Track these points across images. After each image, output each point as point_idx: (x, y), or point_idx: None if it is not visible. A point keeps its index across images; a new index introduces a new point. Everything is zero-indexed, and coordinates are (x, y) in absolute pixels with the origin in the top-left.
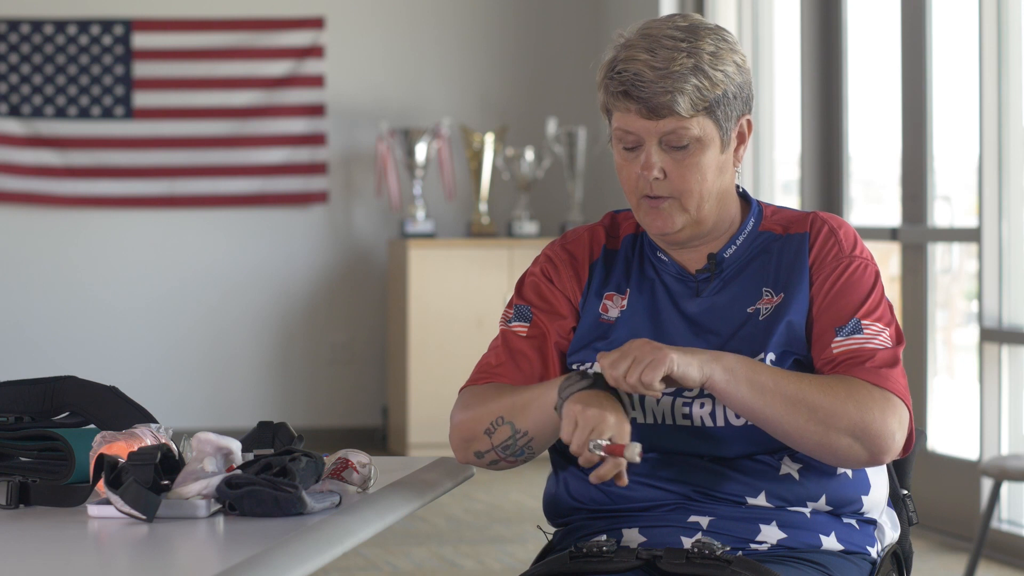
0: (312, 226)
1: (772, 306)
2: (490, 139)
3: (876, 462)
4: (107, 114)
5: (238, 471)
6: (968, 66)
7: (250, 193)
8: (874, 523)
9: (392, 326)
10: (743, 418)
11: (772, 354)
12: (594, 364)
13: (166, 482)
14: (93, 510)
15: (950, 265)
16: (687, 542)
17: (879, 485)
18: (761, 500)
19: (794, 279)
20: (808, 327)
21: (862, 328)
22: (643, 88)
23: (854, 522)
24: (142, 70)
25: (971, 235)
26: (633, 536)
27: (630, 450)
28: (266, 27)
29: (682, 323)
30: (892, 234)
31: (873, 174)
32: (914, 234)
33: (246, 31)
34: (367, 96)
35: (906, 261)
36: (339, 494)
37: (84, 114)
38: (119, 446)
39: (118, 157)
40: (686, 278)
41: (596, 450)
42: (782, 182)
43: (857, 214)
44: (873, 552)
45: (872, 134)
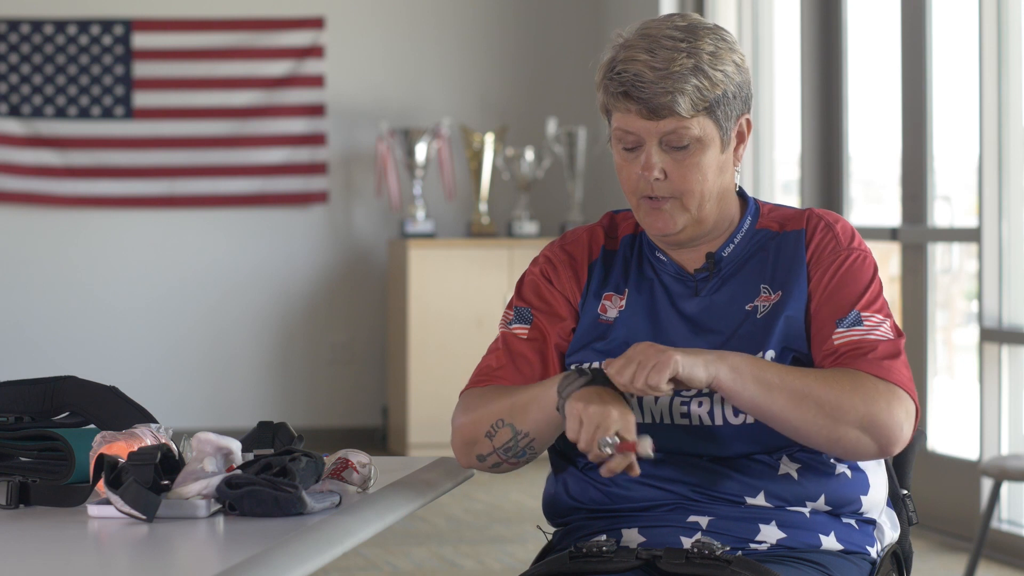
0: (312, 226)
1: (770, 303)
2: (490, 139)
3: (885, 453)
4: (107, 114)
5: (238, 471)
6: (968, 66)
7: (250, 193)
8: (873, 523)
9: (392, 326)
10: (743, 416)
11: (772, 351)
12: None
13: (166, 482)
14: (93, 510)
15: (950, 265)
16: (687, 542)
17: (878, 485)
18: (760, 500)
19: (792, 276)
20: (807, 322)
21: (862, 320)
22: (643, 89)
23: (853, 522)
24: (142, 70)
25: (971, 235)
26: (632, 536)
27: (642, 446)
28: (266, 27)
29: (681, 323)
30: (892, 234)
31: (873, 174)
32: (914, 234)
33: (246, 31)
34: (367, 96)
35: (906, 261)
36: (339, 494)
37: (84, 114)
38: (119, 446)
39: (118, 157)
40: (685, 278)
41: (606, 448)
42: (782, 182)
43: (857, 214)
44: (873, 552)
45: (872, 134)
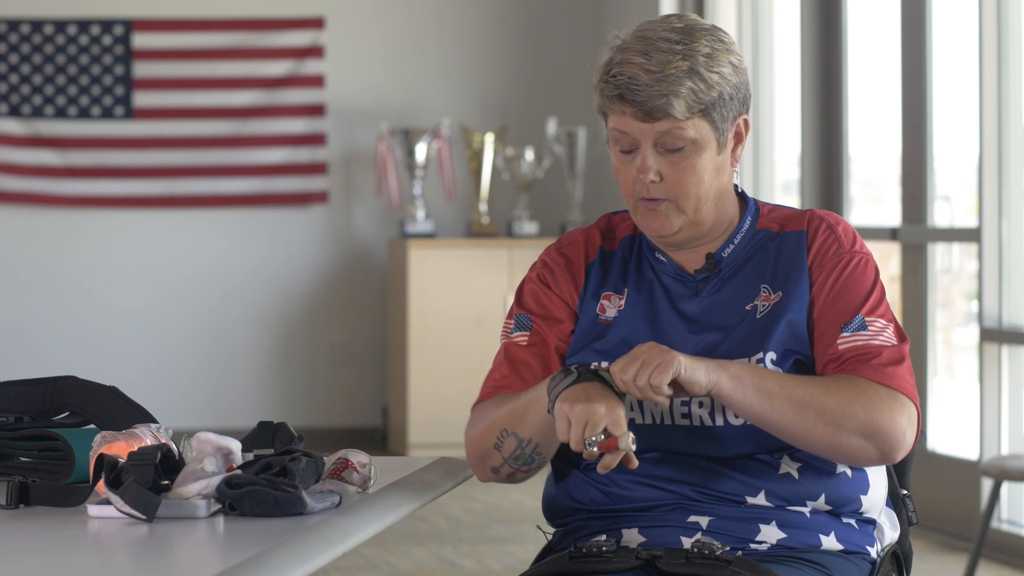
0: (312, 226)
1: (770, 304)
2: (490, 139)
3: (887, 460)
4: (107, 114)
5: (238, 471)
6: (968, 66)
7: (250, 193)
8: (873, 523)
9: (392, 326)
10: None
11: (773, 353)
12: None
13: (166, 482)
14: (93, 510)
15: (950, 265)
16: (687, 542)
17: (878, 485)
18: (760, 499)
19: (793, 277)
20: (810, 325)
21: (866, 325)
22: (638, 91)
23: (853, 522)
24: (142, 70)
25: (971, 235)
26: (633, 536)
27: (623, 440)
28: (266, 27)
29: (680, 322)
30: (892, 234)
31: (873, 174)
32: (914, 234)
33: (246, 31)
34: (367, 96)
35: (906, 261)
36: (339, 494)
37: (84, 114)
38: (119, 446)
39: (118, 157)
40: (685, 278)
41: (592, 446)
42: (782, 182)
43: (857, 214)
44: (873, 552)
45: (872, 134)
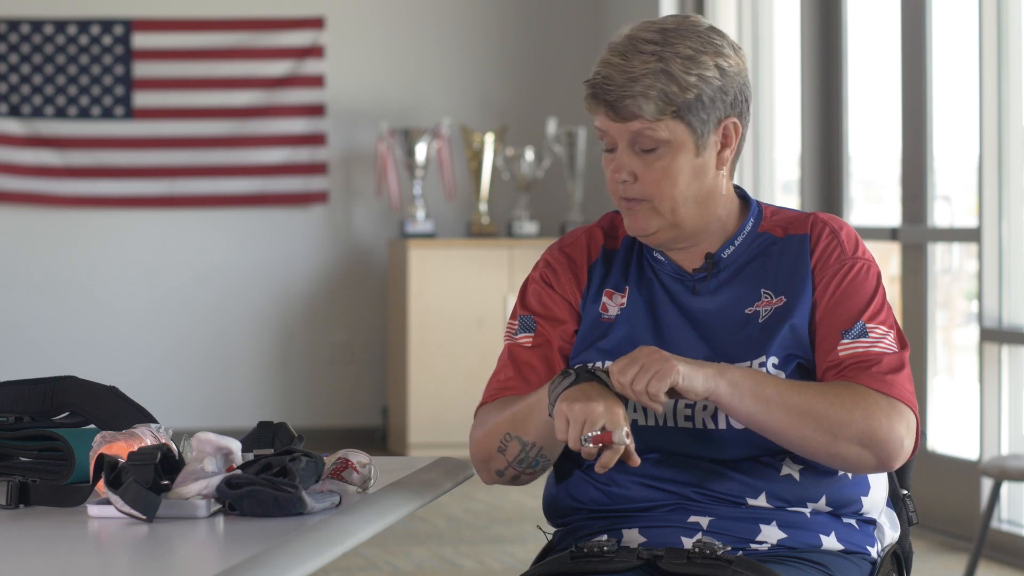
0: (312, 226)
1: (772, 308)
2: (490, 139)
3: (885, 468)
4: (107, 114)
5: (238, 471)
6: (968, 66)
7: (250, 193)
8: (874, 523)
9: (392, 326)
10: None
11: (775, 358)
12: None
13: (166, 482)
14: (93, 510)
15: (950, 265)
16: (687, 542)
17: (878, 486)
18: (761, 501)
19: (795, 282)
20: (811, 330)
21: (867, 331)
22: (610, 91)
23: (854, 522)
24: (142, 70)
25: (971, 235)
26: (633, 536)
27: (617, 434)
28: (266, 27)
29: (681, 321)
30: (892, 234)
31: (873, 174)
32: (914, 234)
33: (246, 31)
34: (367, 96)
35: (906, 261)
36: (339, 494)
37: (84, 114)
38: (119, 446)
39: (118, 157)
40: (683, 277)
41: (587, 443)
42: (782, 182)
43: (857, 214)
44: (873, 552)
45: (872, 134)
